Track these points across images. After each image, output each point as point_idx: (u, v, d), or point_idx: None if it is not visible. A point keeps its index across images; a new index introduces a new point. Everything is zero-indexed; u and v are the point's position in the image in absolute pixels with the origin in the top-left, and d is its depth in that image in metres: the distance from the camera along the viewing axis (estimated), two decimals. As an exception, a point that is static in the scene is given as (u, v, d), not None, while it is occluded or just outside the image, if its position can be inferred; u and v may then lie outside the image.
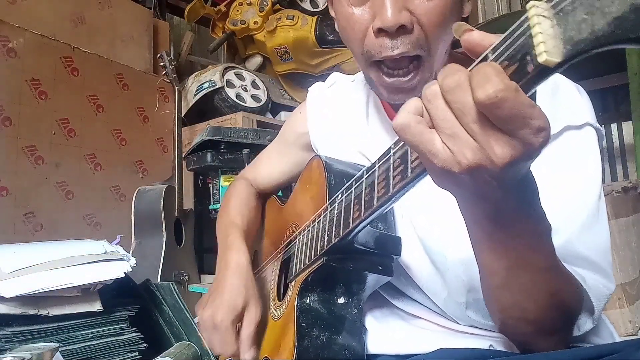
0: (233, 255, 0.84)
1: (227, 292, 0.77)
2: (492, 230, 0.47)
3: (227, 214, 0.97)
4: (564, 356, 0.55)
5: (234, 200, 1.00)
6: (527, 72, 0.33)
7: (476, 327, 0.70)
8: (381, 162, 0.51)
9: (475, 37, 0.38)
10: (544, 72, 0.32)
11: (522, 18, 0.32)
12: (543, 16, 0.30)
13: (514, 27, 0.33)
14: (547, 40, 0.30)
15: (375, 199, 0.51)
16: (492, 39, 0.37)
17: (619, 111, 2.42)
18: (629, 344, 0.53)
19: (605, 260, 0.64)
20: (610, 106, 2.47)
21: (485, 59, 0.37)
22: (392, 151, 0.49)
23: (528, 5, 0.31)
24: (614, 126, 2.48)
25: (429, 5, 0.63)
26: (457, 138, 0.38)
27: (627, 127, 2.40)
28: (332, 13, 0.78)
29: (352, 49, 0.71)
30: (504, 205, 0.44)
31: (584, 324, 0.61)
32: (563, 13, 0.29)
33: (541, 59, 0.31)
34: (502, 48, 0.35)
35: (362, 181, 0.56)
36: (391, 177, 0.48)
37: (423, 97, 0.40)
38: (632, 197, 1.76)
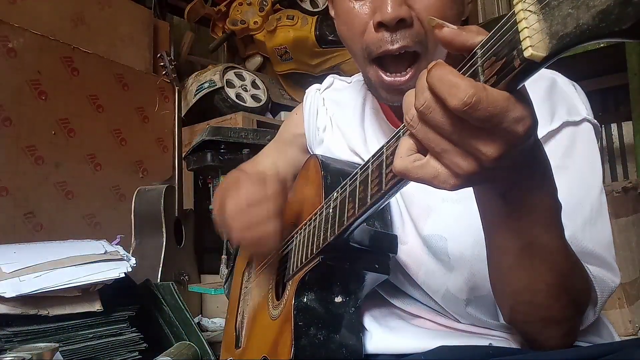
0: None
1: (241, 188, 0.73)
2: (505, 207, 0.48)
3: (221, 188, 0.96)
4: (565, 355, 0.55)
5: (227, 180, 0.99)
6: (514, 67, 0.33)
7: (476, 326, 0.70)
8: (374, 160, 0.52)
9: (446, 34, 0.39)
10: (531, 66, 0.33)
11: (509, 13, 0.33)
12: (529, 11, 0.31)
13: (501, 22, 0.34)
14: (532, 35, 0.31)
15: (369, 197, 0.51)
16: (464, 37, 0.38)
17: (619, 111, 2.41)
18: (629, 343, 0.53)
19: (609, 253, 0.64)
20: (610, 106, 2.46)
21: (474, 55, 0.37)
22: (384, 148, 0.49)
23: (515, 0, 0.31)
24: (614, 126, 2.47)
25: (429, 0, 0.64)
26: (446, 152, 0.39)
27: (627, 127, 2.39)
28: (332, 13, 0.78)
29: (351, 46, 0.72)
30: (515, 181, 0.45)
31: (587, 316, 0.61)
32: (549, 8, 0.30)
33: (527, 53, 0.31)
34: (489, 44, 0.36)
35: (356, 179, 0.56)
36: (384, 174, 0.48)
37: (407, 124, 0.41)
38: (632, 197, 1.76)
